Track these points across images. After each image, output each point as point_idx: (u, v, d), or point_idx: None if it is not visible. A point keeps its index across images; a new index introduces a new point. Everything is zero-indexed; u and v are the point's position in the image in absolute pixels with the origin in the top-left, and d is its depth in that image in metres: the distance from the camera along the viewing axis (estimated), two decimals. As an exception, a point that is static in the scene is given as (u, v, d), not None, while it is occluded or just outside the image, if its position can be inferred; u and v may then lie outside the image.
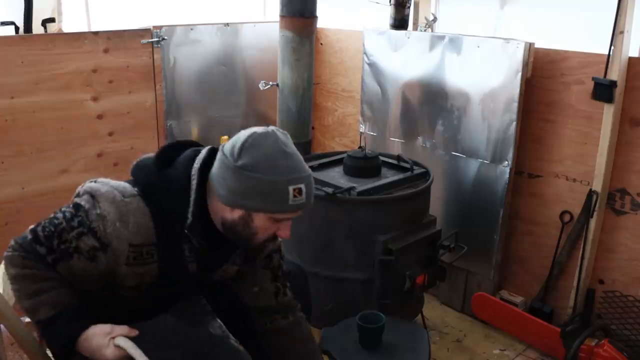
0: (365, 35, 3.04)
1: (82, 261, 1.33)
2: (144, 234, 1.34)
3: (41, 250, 1.33)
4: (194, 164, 1.36)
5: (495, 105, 2.54)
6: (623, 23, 2.20)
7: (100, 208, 1.31)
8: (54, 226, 1.33)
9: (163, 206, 1.35)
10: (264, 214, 1.32)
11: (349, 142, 3.43)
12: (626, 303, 2.43)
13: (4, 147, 2.55)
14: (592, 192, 2.42)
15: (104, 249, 1.31)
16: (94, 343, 1.32)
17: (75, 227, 1.32)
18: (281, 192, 1.28)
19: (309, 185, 1.33)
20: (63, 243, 1.32)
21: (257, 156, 1.29)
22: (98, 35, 2.72)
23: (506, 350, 2.58)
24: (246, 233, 1.36)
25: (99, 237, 1.31)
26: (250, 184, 1.28)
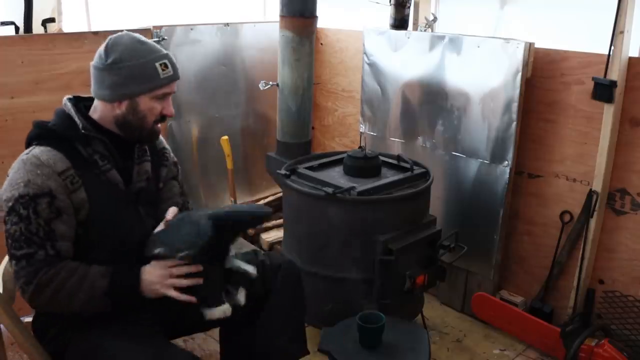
0: (365, 35, 3.04)
1: (59, 222, 1.45)
2: (60, 161, 1.48)
3: (40, 255, 1.43)
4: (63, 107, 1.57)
5: (495, 105, 2.54)
6: (623, 23, 2.20)
7: (19, 182, 1.44)
8: (18, 234, 1.43)
9: (58, 135, 1.51)
10: (145, 95, 1.53)
11: (349, 142, 3.43)
12: (626, 303, 2.43)
13: (4, 147, 2.54)
14: (592, 192, 2.42)
15: (52, 195, 1.44)
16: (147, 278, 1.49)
17: (27, 212, 1.42)
18: (151, 71, 1.51)
19: (172, 60, 1.56)
20: (37, 229, 1.43)
21: (121, 51, 1.50)
22: (98, 35, 2.72)
23: (506, 350, 2.58)
24: (137, 120, 1.55)
25: (40, 194, 1.43)
26: (124, 73, 1.49)
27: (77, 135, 1.52)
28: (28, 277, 1.42)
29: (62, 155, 1.49)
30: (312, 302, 2.38)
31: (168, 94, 1.58)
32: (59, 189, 1.46)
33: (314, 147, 3.60)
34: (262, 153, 3.37)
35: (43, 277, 1.41)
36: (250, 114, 3.46)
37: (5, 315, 1.50)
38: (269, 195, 3.63)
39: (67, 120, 1.54)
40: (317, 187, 2.31)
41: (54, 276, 1.42)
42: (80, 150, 1.52)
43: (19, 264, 1.42)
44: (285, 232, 2.60)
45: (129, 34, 1.55)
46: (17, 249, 1.43)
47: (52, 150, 1.48)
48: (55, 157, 1.48)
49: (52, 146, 1.49)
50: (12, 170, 1.50)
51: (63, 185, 1.46)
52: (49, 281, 1.42)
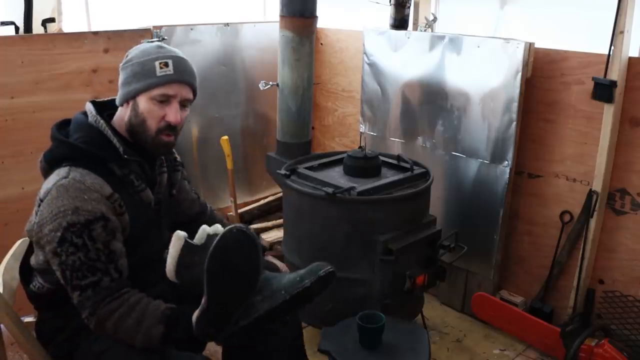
0: (365, 35, 3.04)
1: (116, 241, 1.41)
2: (103, 186, 1.42)
3: (105, 282, 1.38)
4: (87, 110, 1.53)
5: (495, 105, 2.54)
6: (623, 23, 2.20)
7: (66, 209, 1.36)
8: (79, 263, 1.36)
9: (93, 156, 1.45)
10: (143, 95, 1.46)
11: (349, 142, 3.43)
12: (626, 303, 2.43)
13: (4, 147, 2.54)
14: (592, 192, 2.42)
15: (105, 218, 1.39)
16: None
17: (82, 241, 1.36)
18: (149, 68, 1.46)
19: (179, 62, 1.50)
20: (98, 255, 1.38)
21: (135, 53, 1.50)
22: (98, 35, 2.72)
23: (506, 350, 2.58)
24: (139, 124, 1.48)
25: (94, 219, 1.37)
26: (128, 72, 1.48)
27: (114, 157, 1.47)
28: (93, 308, 1.37)
29: (102, 179, 1.43)
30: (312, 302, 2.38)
31: (169, 97, 1.49)
32: (110, 212, 1.41)
33: (314, 147, 3.60)
34: (262, 153, 3.37)
35: (104, 311, 1.36)
36: (250, 114, 3.46)
37: (5, 315, 1.50)
38: (269, 195, 3.63)
39: (100, 139, 1.48)
40: (317, 187, 2.31)
41: (113, 311, 1.37)
42: (115, 170, 1.47)
43: (84, 293, 1.37)
44: (285, 232, 2.60)
45: (156, 42, 1.55)
46: (80, 279, 1.36)
47: (90, 173, 1.42)
48: (99, 181, 1.42)
49: (89, 168, 1.42)
50: (49, 196, 1.39)
51: (112, 208, 1.42)
52: (109, 315, 1.37)
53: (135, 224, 1.49)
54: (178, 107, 1.51)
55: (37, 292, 1.56)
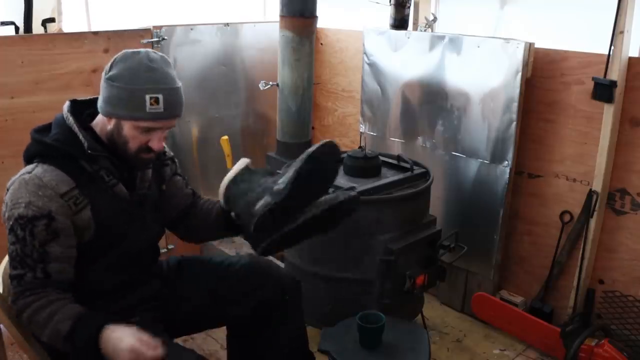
0: (365, 35, 3.04)
1: (54, 244, 1.43)
2: (63, 181, 1.45)
3: (28, 277, 1.42)
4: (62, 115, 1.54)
5: (495, 105, 2.54)
6: (623, 23, 2.20)
7: (19, 202, 1.42)
8: (14, 254, 1.43)
9: (61, 152, 1.47)
10: (128, 122, 1.47)
11: (349, 142, 3.43)
12: (626, 303, 2.43)
13: (4, 147, 2.54)
14: (592, 192, 2.42)
15: (50, 217, 1.42)
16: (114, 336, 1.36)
17: (23, 234, 1.41)
18: (139, 100, 1.43)
19: (170, 97, 1.46)
20: (32, 252, 1.41)
21: (123, 68, 1.45)
22: (98, 35, 2.72)
23: (506, 350, 2.58)
24: (120, 142, 1.50)
25: (40, 216, 1.41)
26: (114, 92, 1.44)
27: (82, 153, 1.49)
28: (14, 298, 1.43)
29: (66, 175, 1.46)
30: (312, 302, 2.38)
31: (156, 129, 1.50)
32: (60, 210, 1.44)
33: (314, 147, 3.60)
34: (262, 153, 3.37)
35: (21, 302, 1.42)
36: (250, 114, 3.46)
37: (5, 315, 1.50)
38: (269, 195, 3.62)
39: (70, 135, 1.50)
40: (317, 187, 2.31)
41: (30, 304, 1.41)
42: (85, 167, 1.49)
43: (12, 282, 1.44)
44: (285, 232, 2.60)
45: (147, 53, 1.48)
46: (12, 268, 1.43)
47: (55, 170, 1.45)
48: (58, 178, 1.45)
49: (56, 165, 1.46)
50: (12, 186, 1.46)
51: (65, 206, 1.45)
52: (25, 307, 1.42)
53: (107, 219, 1.51)
54: (162, 136, 1.53)
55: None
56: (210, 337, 2.67)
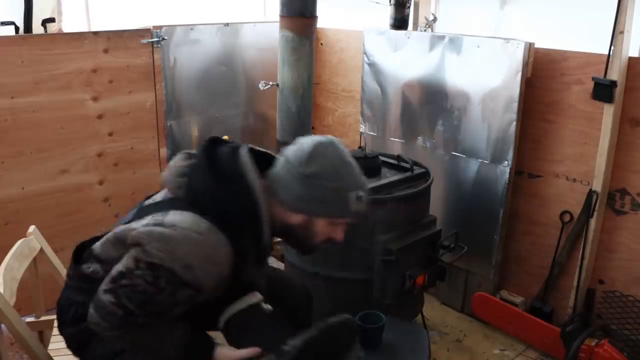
0: (365, 35, 3.04)
1: (181, 307, 1.37)
2: (229, 263, 1.35)
3: (138, 319, 1.34)
4: (248, 176, 1.37)
5: (495, 105, 2.54)
6: (623, 23, 2.20)
7: (182, 259, 1.29)
8: (140, 293, 1.31)
9: (237, 229, 1.35)
10: (325, 220, 1.42)
11: (349, 142, 3.43)
12: (626, 303, 2.43)
13: (4, 147, 2.54)
14: (592, 192, 2.42)
15: (199, 290, 1.34)
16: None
17: (165, 288, 1.31)
18: (344, 199, 1.39)
19: (367, 193, 1.45)
20: (160, 305, 1.34)
21: (323, 165, 1.38)
22: (98, 35, 2.72)
23: (506, 350, 2.58)
24: (304, 236, 1.44)
25: (192, 285, 1.32)
26: (316, 191, 1.38)
27: (253, 234, 1.38)
28: (112, 324, 1.34)
29: (232, 255, 1.35)
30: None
31: (345, 223, 1.47)
32: (210, 288, 1.36)
33: (314, 147, 3.60)
34: (262, 153, 3.36)
35: (122, 334, 1.37)
36: (250, 114, 3.46)
37: (6, 315, 1.50)
38: (269, 195, 3.62)
39: (252, 212, 1.36)
40: (317, 187, 2.31)
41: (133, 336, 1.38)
42: (244, 246, 1.38)
43: (117, 308, 1.32)
44: (285, 232, 2.60)
45: (336, 147, 1.42)
46: (128, 299, 1.32)
47: (228, 247, 1.33)
48: (228, 258, 1.35)
49: (230, 239, 1.33)
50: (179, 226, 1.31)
51: (216, 287, 1.37)
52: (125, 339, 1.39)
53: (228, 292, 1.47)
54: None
55: (89, 275, 1.49)
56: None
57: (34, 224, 1.95)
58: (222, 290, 1.42)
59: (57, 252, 2.00)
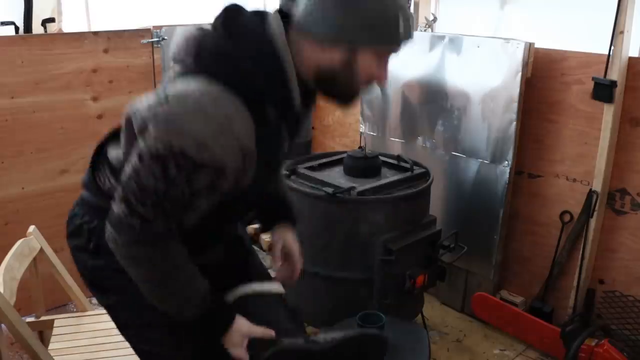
0: (365, 35, 3.04)
1: (205, 200, 1.18)
2: (250, 134, 1.14)
3: (158, 226, 1.15)
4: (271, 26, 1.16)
5: (495, 105, 2.54)
6: (623, 23, 2.20)
7: (191, 136, 1.08)
8: (152, 194, 1.12)
9: (256, 91, 1.13)
10: (372, 49, 1.17)
11: (349, 142, 3.43)
12: (626, 303, 2.43)
13: (4, 147, 2.54)
14: (592, 192, 2.42)
15: (222, 173, 1.14)
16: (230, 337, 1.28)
17: (176, 178, 1.11)
18: (393, 22, 1.16)
19: (412, 17, 1.22)
20: (176, 201, 1.13)
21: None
22: (98, 35, 2.72)
23: (506, 350, 2.58)
24: (345, 77, 1.20)
25: (210, 166, 1.11)
26: (361, 14, 1.13)
27: (282, 98, 1.18)
28: (128, 239, 1.16)
29: (254, 124, 1.13)
30: (312, 302, 2.38)
31: (388, 58, 1.24)
32: (235, 168, 1.15)
33: (314, 147, 3.61)
34: (262, 153, 3.36)
35: (144, 253, 1.17)
36: (250, 114, 3.46)
37: (6, 315, 1.50)
38: (269, 195, 3.62)
39: (277, 73, 1.16)
40: (317, 187, 2.31)
41: (156, 261, 1.19)
42: (270, 114, 1.17)
43: (130, 218, 1.14)
44: (285, 232, 2.60)
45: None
46: (139, 202, 1.13)
47: (245, 114, 1.11)
48: (248, 128, 1.12)
49: (247, 104, 1.11)
50: (185, 99, 1.09)
51: (240, 164, 1.15)
52: (146, 261, 1.19)
53: (258, 171, 1.22)
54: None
55: (103, 190, 1.34)
56: (210, 337, 2.66)
57: (34, 224, 1.95)
58: (251, 175, 1.21)
59: (57, 252, 2.00)
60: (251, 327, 1.31)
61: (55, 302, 2.60)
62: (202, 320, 1.26)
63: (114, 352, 1.83)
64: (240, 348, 1.29)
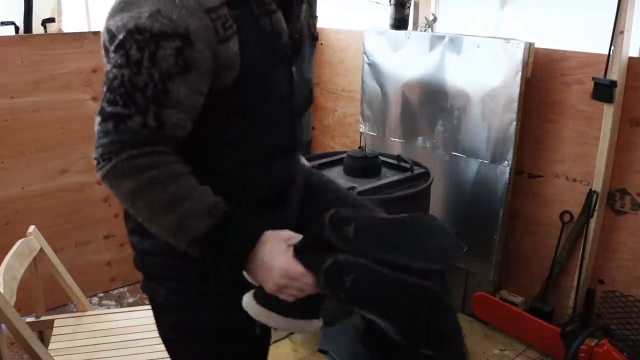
0: (366, 35, 3.04)
1: (181, 81, 0.98)
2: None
3: (134, 122, 0.97)
4: None
5: (495, 105, 2.54)
6: (623, 23, 2.20)
7: (141, 10, 0.97)
8: (117, 82, 0.98)
9: None
10: None
11: (349, 142, 3.43)
12: (626, 303, 2.43)
13: (4, 147, 2.55)
14: (592, 192, 2.42)
15: (186, 39, 0.97)
16: (267, 249, 1.03)
17: (139, 56, 0.97)
18: None
19: None
20: (146, 84, 0.97)
21: None
22: (98, 35, 2.70)
23: (506, 350, 2.58)
24: None
25: (171, 34, 0.96)
26: None
27: None
28: (108, 150, 0.98)
29: None
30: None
31: None
32: (202, 32, 0.98)
33: (314, 147, 3.61)
34: (262, 153, 3.36)
35: (127, 163, 0.97)
36: (250, 114, 3.46)
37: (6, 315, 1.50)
38: (269, 195, 3.62)
39: None
40: (317, 187, 2.31)
41: (141, 170, 0.98)
42: None
43: (105, 124, 0.98)
44: (285, 232, 2.60)
45: None
46: (109, 103, 0.98)
47: None
48: None
49: None
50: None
51: (210, 28, 0.99)
52: (133, 172, 0.98)
53: (257, 58, 1.05)
54: None
55: None
56: (210, 337, 2.66)
57: (34, 224, 1.95)
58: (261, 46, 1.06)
59: (57, 252, 2.01)
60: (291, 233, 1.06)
61: (55, 302, 2.61)
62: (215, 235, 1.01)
63: (114, 352, 1.83)
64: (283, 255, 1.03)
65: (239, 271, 1.06)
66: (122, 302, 2.95)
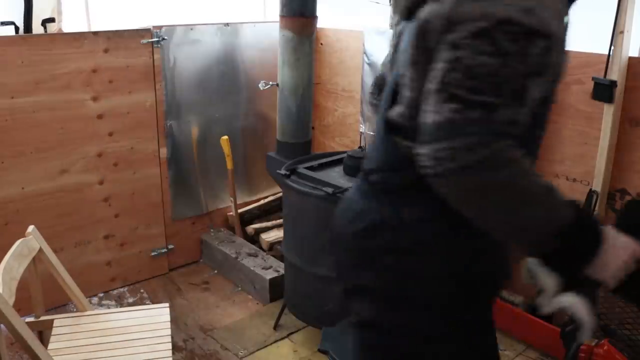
0: (366, 35, 3.04)
1: (534, 83, 0.97)
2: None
3: (502, 113, 0.93)
4: None
5: (495, 105, 2.54)
6: (623, 23, 2.20)
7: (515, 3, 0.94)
8: (485, 71, 0.93)
9: None
10: None
11: (349, 142, 3.43)
12: (626, 303, 2.43)
13: (4, 147, 2.55)
14: (592, 192, 2.42)
15: (549, 41, 0.97)
16: (612, 254, 1.03)
17: (513, 48, 0.93)
18: None
19: None
20: (513, 78, 0.94)
21: None
22: (98, 35, 2.72)
23: (506, 350, 2.58)
24: None
25: (541, 33, 0.95)
26: None
27: None
28: (482, 137, 0.92)
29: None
30: (312, 302, 2.38)
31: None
32: (558, 36, 0.98)
33: (314, 147, 3.60)
34: (262, 153, 3.37)
35: (503, 154, 0.92)
36: (250, 114, 3.46)
37: (5, 315, 1.50)
38: (269, 195, 3.63)
39: None
40: (317, 187, 2.31)
41: (516, 161, 0.94)
42: None
43: (467, 112, 0.93)
44: (285, 232, 2.60)
45: None
46: (472, 91, 0.93)
47: None
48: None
49: None
50: None
51: (562, 32, 0.99)
52: (508, 164, 0.93)
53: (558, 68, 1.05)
54: None
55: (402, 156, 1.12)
56: (210, 337, 2.66)
57: (34, 224, 1.95)
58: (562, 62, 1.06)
59: (56, 252, 2.01)
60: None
61: (54, 302, 2.61)
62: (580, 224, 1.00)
63: (113, 352, 1.83)
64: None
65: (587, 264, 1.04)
66: (122, 302, 2.95)
